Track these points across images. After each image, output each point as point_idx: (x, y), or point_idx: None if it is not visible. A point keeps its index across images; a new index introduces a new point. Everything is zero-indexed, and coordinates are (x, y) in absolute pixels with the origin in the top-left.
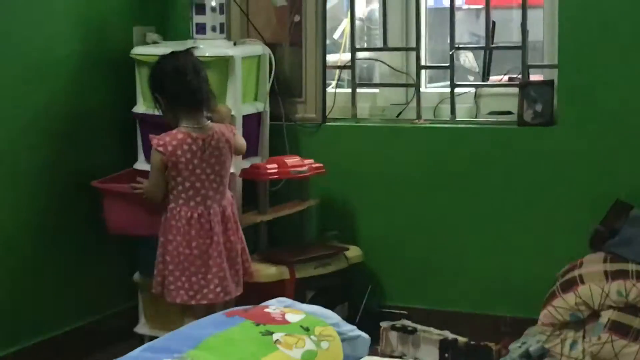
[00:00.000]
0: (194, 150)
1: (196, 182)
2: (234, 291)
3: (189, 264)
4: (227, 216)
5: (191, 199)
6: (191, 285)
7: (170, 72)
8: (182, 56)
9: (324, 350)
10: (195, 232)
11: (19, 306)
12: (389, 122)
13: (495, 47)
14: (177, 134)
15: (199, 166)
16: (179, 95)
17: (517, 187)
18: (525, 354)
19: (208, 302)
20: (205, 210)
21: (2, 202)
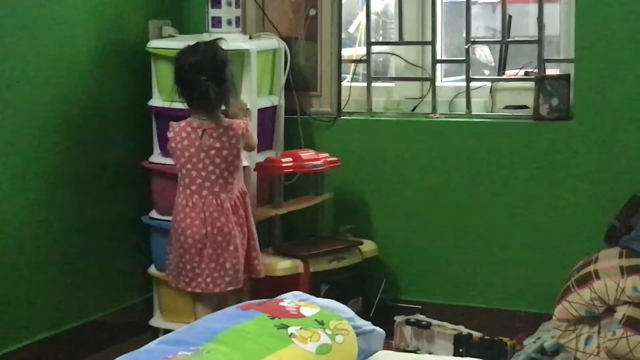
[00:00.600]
0: (192, 138)
1: (192, 170)
2: (230, 284)
3: (184, 252)
4: (226, 209)
5: (187, 187)
6: (186, 273)
7: (186, 67)
8: (200, 51)
9: (339, 344)
10: (190, 221)
11: (35, 299)
12: (404, 116)
13: (511, 41)
14: (182, 122)
15: (196, 155)
16: (188, 92)
17: (532, 181)
18: (540, 349)
19: (201, 290)
20: (200, 200)
21: (18, 196)
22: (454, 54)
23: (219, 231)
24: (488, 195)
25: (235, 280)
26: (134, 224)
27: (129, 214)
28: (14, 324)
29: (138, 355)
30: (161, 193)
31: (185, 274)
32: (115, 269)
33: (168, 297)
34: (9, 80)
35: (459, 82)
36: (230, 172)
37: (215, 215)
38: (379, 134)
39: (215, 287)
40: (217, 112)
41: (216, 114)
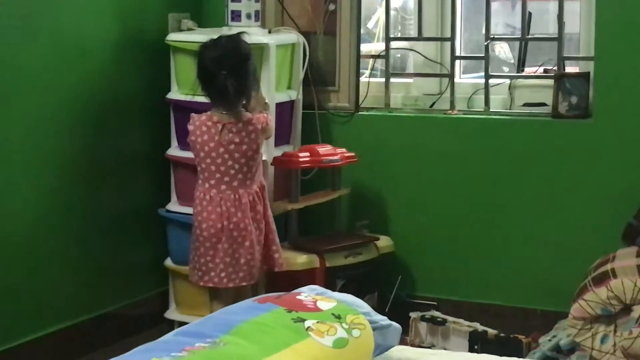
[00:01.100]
0: (212, 133)
1: (211, 165)
2: (243, 279)
3: (199, 245)
4: (243, 204)
5: (206, 181)
6: (200, 266)
7: (208, 61)
8: (223, 45)
9: (355, 338)
10: (206, 214)
11: (51, 290)
12: (422, 112)
13: (531, 39)
14: (202, 116)
15: (215, 150)
16: (208, 87)
17: (550, 179)
18: (556, 348)
19: (213, 285)
20: (218, 194)
21: (35, 187)
22: (473, 50)
23: (235, 226)
24: (505, 192)
25: (249, 276)
26: (150, 216)
27: (146, 207)
28: (31, 314)
29: (155, 346)
30: (183, 184)
31: (199, 268)
32: (131, 261)
33: (184, 290)
34: (29, 72)
35: (477, 78)
36: (250, 167)
37: (232, 210)
38: (396, 129)
39: (229, 282)
40: (236, 107)
41: (236, 109)
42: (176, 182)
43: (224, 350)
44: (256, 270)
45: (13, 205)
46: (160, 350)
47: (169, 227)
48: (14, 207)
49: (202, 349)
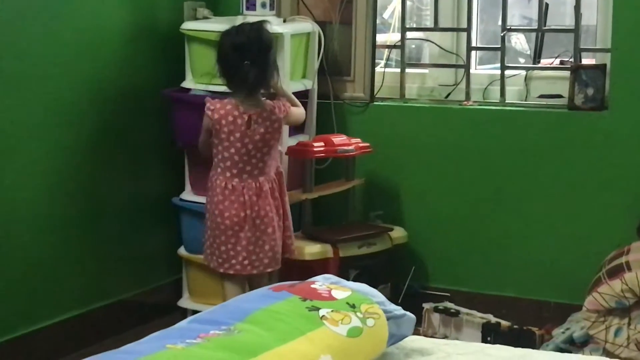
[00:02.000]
0: (239, 124)
1: (235, 154)
2: (268, 266)
3: (220, 233)
4: (264, 192)
5: (228, 170)
6: (220, 254)
7: (230, 49)
8: (246, 33)
9: (370, 327)
10: (229, 203)
11: (65, 278)
12: (438, 103)
13: (547, 30)
14: (227, 104)
15: (240, 140)
16: (230, 75)
17: (565, 171)
18: (569, 340)
19: (235, 272)
20: (240, 183)
21: (50, 174)
22: (489, 41)
23: (257, 214)
24: (520, 184)
25: (274, 261)
26: (164, 205)
27: (160, 196)
28: (45, 301)
29: (170, 332)
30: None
31: (219, 255)
32: (145, 249)
33: (197, 278)
34: (43, 60)
35: (493, 69)
36: (270, 155)
37: (254, 198)
38: (411, 120)
39: (253, 269)
40: (257, 95)
41: (257, 97)
42: (190, 171)
43: (239, 338)
44: (279, 256)
45: (28, 192)
46: (175, 337)
47: (182, 215)
48: (30, 194)
49: (216, 336)
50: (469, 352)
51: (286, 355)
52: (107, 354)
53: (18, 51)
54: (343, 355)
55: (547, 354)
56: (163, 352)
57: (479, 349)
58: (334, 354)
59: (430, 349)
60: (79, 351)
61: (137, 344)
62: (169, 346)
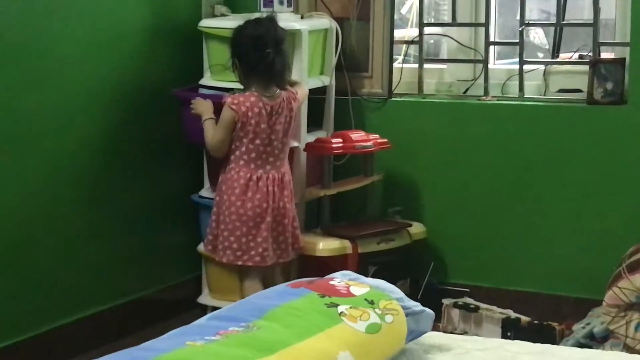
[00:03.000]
0: (263, 115)
1: (260, 146)
2: (281, 257)
3: (241, 225)
4: (285, 182)
5: (252, 162)
6: (240, 246)
7: (250, 41)
8: (264, 25)
9: (388, 323)
10: (251, 194)
11: (85, 275)
12: (456, 98)
13: (566, 24)
14: (250, 97)
15: (265, 131)
16: (253, 65)
17: (584, 166)
18: (589, 335)
19: (254, 264)
20: (264, 175)
21: (69, 172)
22: (508, 36)
23: (277, 205)
24: (539, 179)
25: (287, 252)
26: (183, 202)
27: (179, 193)
28: (66, 298)
29: (189, 329)
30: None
31: (238, 247)
32: (165, 246)
33: (216, 275)
34: (61, 57)
35: (512, 64)
36: (288, 145)
37: (276, 189)
38: (429, 116)
39: (270, 260)
40: (274, 86)
41: (273, 88)
42: (209, 169)
43: (258, 334)
44: (290, 247)
45: (49, 190)
46: (195, 334)
47: (201, 213)
48: (50, 192)
49: (235, 333)
50: (488, 348)
51: (305, 352)
52: (127, 350)
53: (37, 49)
54: (362, 352)
55: (567, 349)
56: (182, 348)
57: (498, 344)
58: (352, 350)
59: (449, 345)
60: (100, 348)
61: (156, 341)
62: (189, 343)
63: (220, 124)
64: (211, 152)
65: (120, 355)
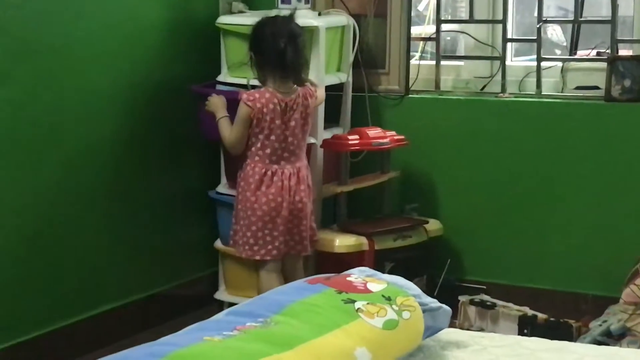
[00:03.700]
0: (278, 111)
1: (275, 141)
2: (294, 249)
3: (257, 219)
4: (300, 177)
5: (267, 157)
6: (256, 241)
7: (269, 36)
8: (283, 22)
9: (405, 320)
10: (265, 189)
11: (102, 270)
12: (473, 95)
13: (584, 21)
14: (265, 93)
15: (280, 127)
16: (268, 59)
17: (602, 163)
18: (606, 333)
19: (271, 258)
20: (279, 169)
21: (87, 168)
22: (525, 33)
23: (293, 199)
24: (556, 176)
25: (301, 246)
26: (200, 198)
27: (196, 189)
28: (84, 293)
29: (207, 325)
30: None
31: (255, 242)
32: (182, 242)
33: (233, 271)
34: (80, 54)
35: (529, 61)
36: (304, 141)
37: (292, 184)
38: (446, 112)
39: (288, 253)
40: (290, 82)
41: (290, 84)
42: (226, 165)
43: (275, 330)
44: (307, 242)
45: (67, 187)
46: (212, 330)
47: (218, 208)
48: (68, 188)
49: (253, 328)
50: (505, 345)
51: (322, 348)
52: (145, 345)
53: (55, 47)
54: (379, 348)
55: (584, 346)
56: (200, 343)
57: (515, 341)
58: (369, 346)
59: (466, 341)
60: (117, 343)
61: (174, 336)
62: (207, 338)
63: (236, 120)
64: (230, 150)
65: (137, 349)
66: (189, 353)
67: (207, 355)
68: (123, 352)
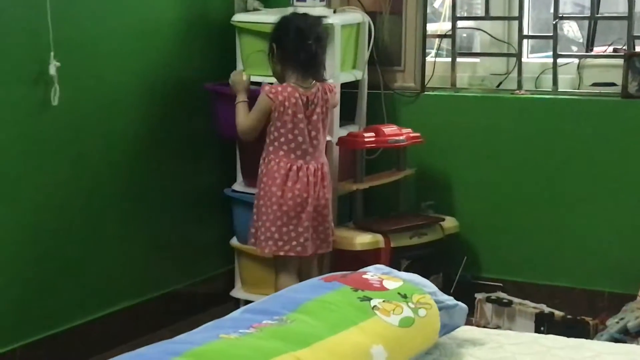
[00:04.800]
0: (300, 105)
1: (299, 136)
2: (320, 247)
3: (282, 214)
4: (324, 173)
5: (292, 152)
6: (281, 236)
7: (295, 30)
8: (311, 20)
9: (421, 317)
10: (292, 184)
11: (119, 269)
12: (489, 92)
13: (600, 17)
14: (287, 87)
15: (302, 121)
16: (293, 54)
17: (619, 161)
18: (623, 330)
19: (295, 254)
20: (305, 165)
21: (104, 166)
22: (541, 29)
23: (318, 195)
24: (573, 173)
25: (326, 244)
26: (216, 196)
27: (212, 187)
28: (99, 292)
29: (223, 322)
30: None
31: (279, 238)
32: (198, 240)
33: (249, 268)
34: (95, 53)
35: (545, 58)
36: (325, 136)
37: (317, 180)
38: (462, 110)
39: (311, 250)
40: (310, 78)
41: (310, 80)
42: (242, 163)
43: (291, 328)
44: (331, 239)
45: (83, 184)
46: (228, 327)
47: (234, 206)
48: (84, 185)
49: (269, 325)
50: (522, 342)
51: (338, 345)
52: (162, 343)
53: (71, 45)
54: (395, 345)
55: (601, 343)
56: (217, 341)
57: (532, 339)
58: (385, 344)
59: (482, 339)
60: (134, 340)
61: (190, 334)
62: (223, 336)
63: (255, 109)
64: (240, 135)
65: (154, 347)
66: (205, 351)
67: (224, 352)
68: (139, 350)
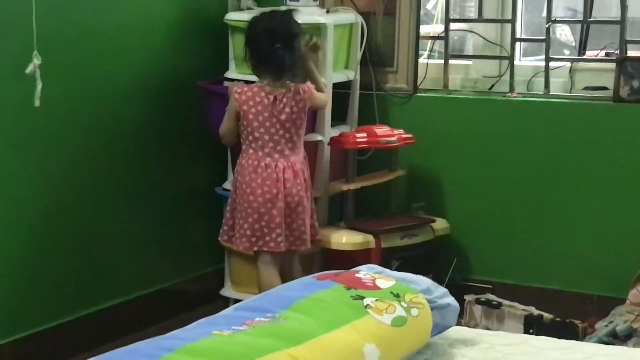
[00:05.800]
0: (265, 104)
1: (265, 134)
2: (294, 244)
3: (253, 211)
4: (296, 171)
5: (259, 150)
6: (253, 233)
7: (261, 32)
8: (278, 18)
9: (414, 317)
10: (261, 181)
11: (109, 266)
12: (481, 95)
13: (593, 21)
14: (253, 87)
15: (269, 120)
16: (263, 58)
17: (610, 164)
18: (612, 333)
19: (269, 249)
20: (273, 162)
21: (91, 162)
22: (534, 32)
23: (289, 192)
24: (564, 176)
25: (303, 242)
26: (207, 194)
27: (203, 185)
28: (90, 289)
29: (216, 319)
30: None
31: (252, 234)
32: (188, 238)
33: (239, 267)
34: (89, 50)
35: (538, 61)
36: (299, 136)
37: (286, 176)
38: (454, 111)
39: (284, 246)
40: (284, 79)
41: (283, 81)
42: (233, 161)
43: (284, 325)
44: (307, 237)
45: (74, 181)
46: (221, 324)
47: (225, 205)
48: (76, 183)
49: (262, 323)
50: (514, 343)
51: (331, 343)
52: (154, 339)
53: (64, 42)
54: (387, 345)
55: (592, 345)
56: (210, 338)
57: (523, 340)
58: (378, 343)
59: (474, 339)
60: (124, 337)
61: (183, 330)
62: (215, 332)
63: (226, 113)
64: (221, 140)
65: (147, 343)
66: (198, 347)
67: (216, 349)
68: (132, 346)
